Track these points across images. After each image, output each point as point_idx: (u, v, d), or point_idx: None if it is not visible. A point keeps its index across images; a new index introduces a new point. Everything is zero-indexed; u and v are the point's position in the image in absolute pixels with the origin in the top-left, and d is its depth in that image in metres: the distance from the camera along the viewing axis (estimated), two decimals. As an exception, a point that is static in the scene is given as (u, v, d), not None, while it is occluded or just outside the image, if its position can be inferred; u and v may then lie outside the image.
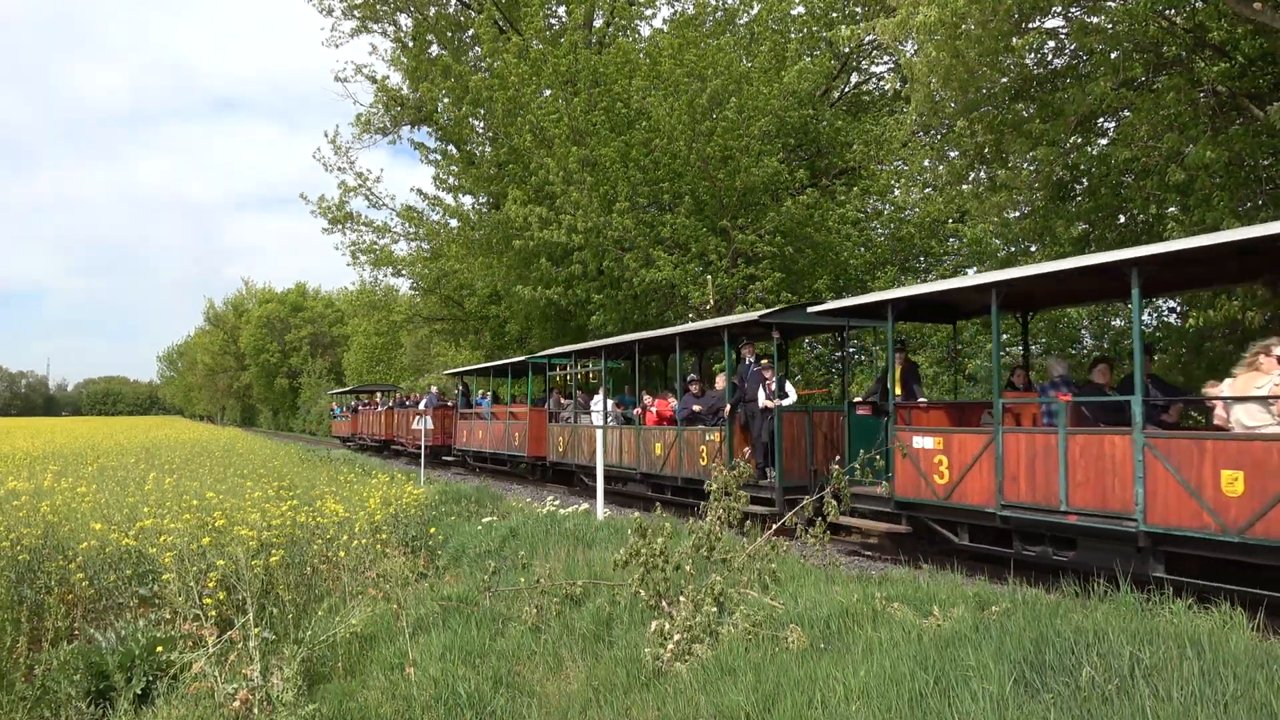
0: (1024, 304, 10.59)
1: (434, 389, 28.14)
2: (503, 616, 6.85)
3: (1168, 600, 5.47)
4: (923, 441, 8.83)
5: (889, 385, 9.97)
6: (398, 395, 33.88)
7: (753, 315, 11.79)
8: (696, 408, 13.26)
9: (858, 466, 6.91)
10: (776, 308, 12.88)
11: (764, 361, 12.17)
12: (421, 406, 26.07)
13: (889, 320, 9.78)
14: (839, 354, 20.31)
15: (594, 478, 13.02)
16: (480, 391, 25.23)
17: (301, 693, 5.26)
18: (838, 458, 10.24)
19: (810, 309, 11.55)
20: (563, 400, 18.81)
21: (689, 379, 13.92)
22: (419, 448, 21.79)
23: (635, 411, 15.60)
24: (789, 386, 12.12)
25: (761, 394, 11.70)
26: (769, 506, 11.01)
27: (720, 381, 13.27)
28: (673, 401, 14.38)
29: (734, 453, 11.52)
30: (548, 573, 7.01)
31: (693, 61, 17.50)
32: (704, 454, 12.54)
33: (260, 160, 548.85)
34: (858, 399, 11.69)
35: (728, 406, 12.23)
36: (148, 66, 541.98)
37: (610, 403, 16.54)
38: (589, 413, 17.22)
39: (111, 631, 6.19)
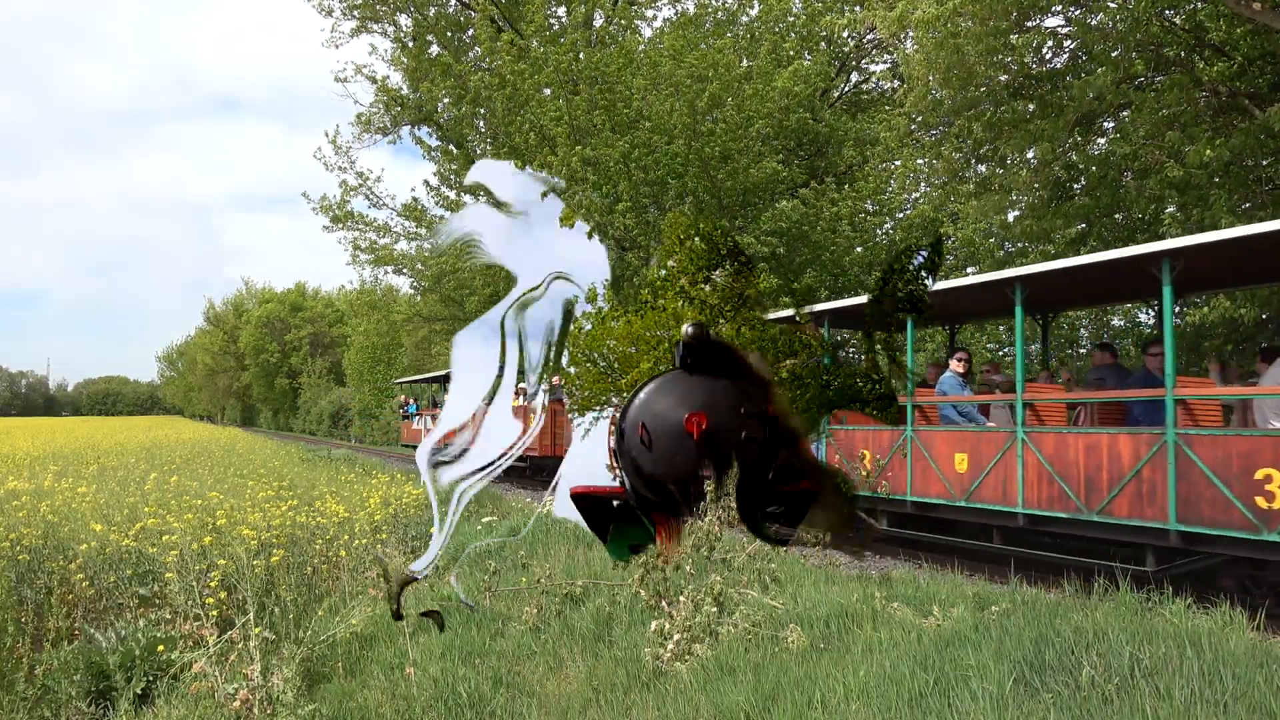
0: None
1: None
2: (503, 616, 6.85)
3: (1168, 600, 5.49)
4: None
5: None
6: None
7: None
8: None
9: None
10: None
11: None
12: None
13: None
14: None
15: None
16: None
17: (301, 693, 5.26)
18: None
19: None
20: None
21: None
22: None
23: None
24: None
25: None
26: None
27: None
28: None
29: None
30: (548, 572, 7.01)
31: (694, 63, 17.49)
32: None
33: (260, 159, 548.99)
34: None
35: None
36: (148, 65, 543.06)
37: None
38: None
39: (112, 631, 6.19)
